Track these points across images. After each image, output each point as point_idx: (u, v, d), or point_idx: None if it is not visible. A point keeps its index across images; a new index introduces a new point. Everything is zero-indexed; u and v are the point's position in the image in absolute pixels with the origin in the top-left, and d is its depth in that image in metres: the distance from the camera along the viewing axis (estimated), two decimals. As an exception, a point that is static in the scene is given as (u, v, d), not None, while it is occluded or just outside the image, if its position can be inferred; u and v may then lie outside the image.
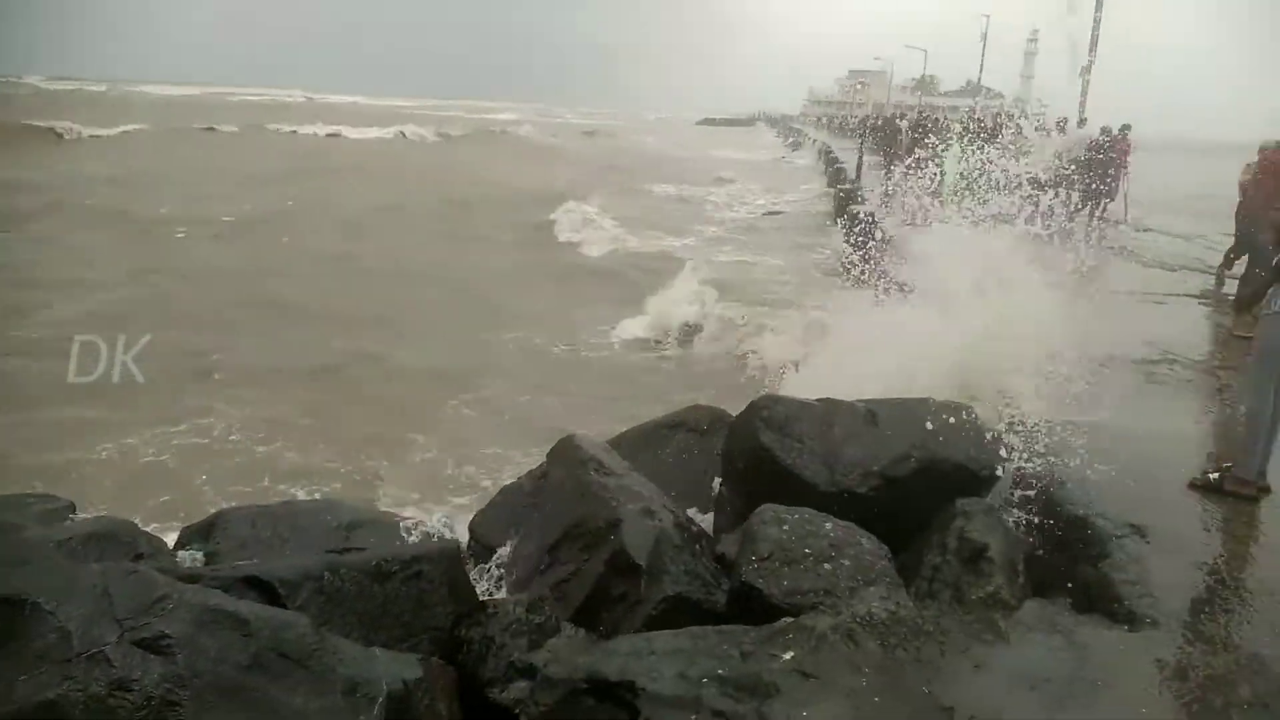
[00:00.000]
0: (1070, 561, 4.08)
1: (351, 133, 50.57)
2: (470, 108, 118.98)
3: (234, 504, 5.29)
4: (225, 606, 2.87)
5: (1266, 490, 4.49)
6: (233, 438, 7.89)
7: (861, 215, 16.15)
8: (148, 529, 4.64)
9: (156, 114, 53.25)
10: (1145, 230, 14.77)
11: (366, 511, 5.16)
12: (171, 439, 7.76)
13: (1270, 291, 4.43)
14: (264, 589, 3.38)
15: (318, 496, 6.61)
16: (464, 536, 5.22)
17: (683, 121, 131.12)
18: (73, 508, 4.83)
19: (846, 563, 3.73)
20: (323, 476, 7.17)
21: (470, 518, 5.41)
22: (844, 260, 16.29)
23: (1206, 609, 3.50)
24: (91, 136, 38.12)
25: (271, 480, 7.03)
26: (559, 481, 4.99)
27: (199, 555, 4.25)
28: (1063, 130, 15.02)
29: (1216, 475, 4.55)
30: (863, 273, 11.62)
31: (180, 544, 4.58)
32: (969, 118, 25.06)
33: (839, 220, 19.36)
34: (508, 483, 5.62)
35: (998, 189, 16.36)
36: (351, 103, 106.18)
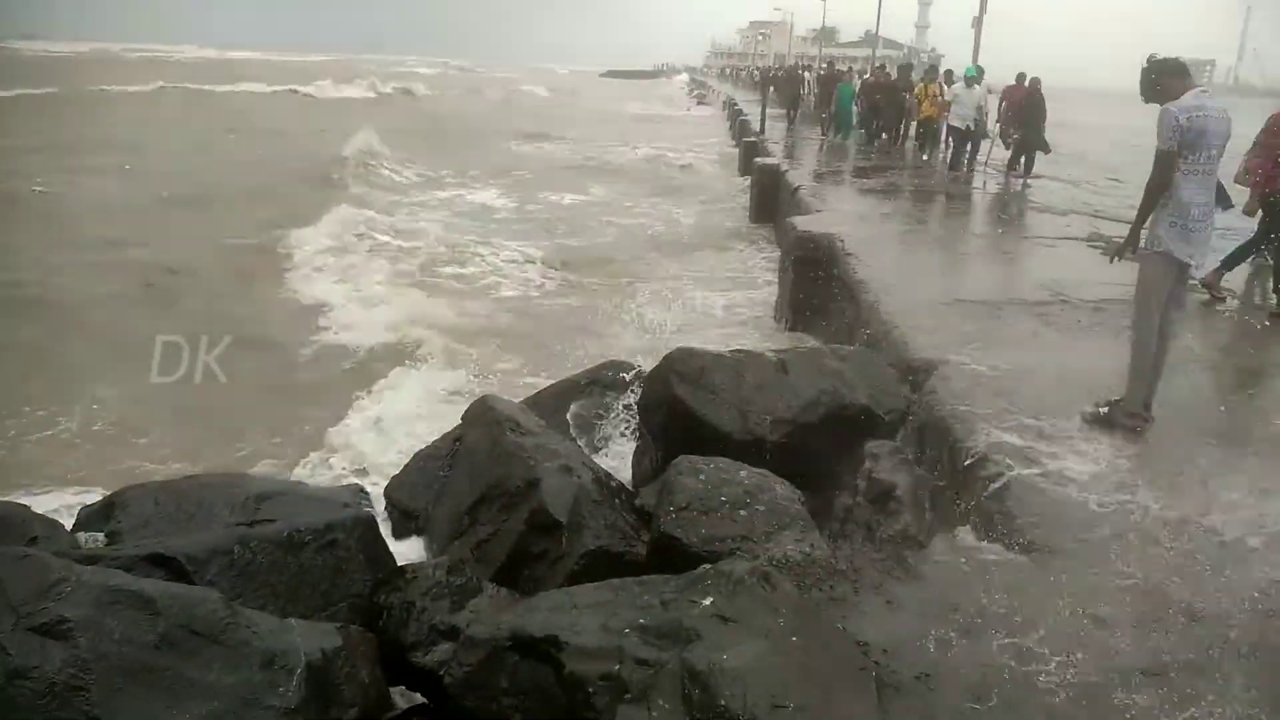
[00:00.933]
0: (972, 496, 4.26)
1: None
2: (380, 63, 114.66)
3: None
4: (128, 586, 2.77)
5: (1150, 421, 4.75)
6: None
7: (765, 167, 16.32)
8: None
9: (60, 74, 49.63)
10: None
11: (276, 482, 5.02)
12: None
13: (1147, 233, 4.64)
14: (170, 566, 3.27)
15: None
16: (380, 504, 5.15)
17: (589, 75, 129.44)
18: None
19: (761, 509, 3.81)
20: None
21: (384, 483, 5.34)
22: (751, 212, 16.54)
23: (1095, 535, 3.71)
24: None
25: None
26: (474, 443, 4.94)
27: (99, 537, 4.07)
28: (976, 83, 15.29)
29: (1105, 409, 4.79)
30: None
31: (78, 526, 4.37)
32: (877, 69, 24.70)
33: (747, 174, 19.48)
34: (421, 447, 5.54)
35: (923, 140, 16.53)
36: (263, 59, 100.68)
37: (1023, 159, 14.75)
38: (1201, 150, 4.41)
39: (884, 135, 20.28)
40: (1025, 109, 14.62)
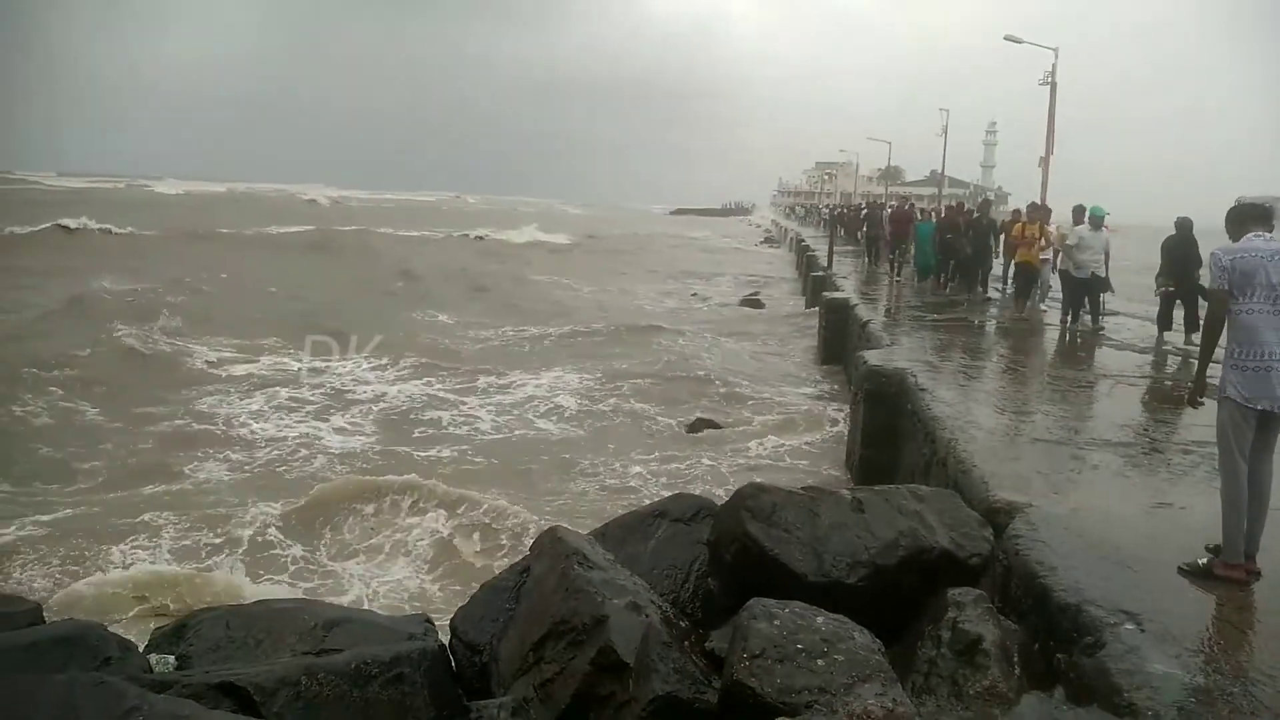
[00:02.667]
0: (1065, 652, 4.01)
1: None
2: (491, 200, 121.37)
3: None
4: (198, 717, 2.75)
5: (1256, 574, 4.47)
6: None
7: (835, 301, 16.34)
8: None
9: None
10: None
11: (345, 610, 5.01)
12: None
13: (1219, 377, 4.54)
14: (239, 696, 3.24)
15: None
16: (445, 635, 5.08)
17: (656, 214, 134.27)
18: (39, 610, 4.65)
19: (840, 658, 3.64)
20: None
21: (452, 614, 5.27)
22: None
23: (1205, 699, 3.44)
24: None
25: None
26: (541, 576, 4.88)
27: (171, 660, 4.08)
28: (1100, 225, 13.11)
29: (1205, 561, 4.53)
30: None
31: (150, 647, 4.40)
32: (952, 207, 22.45)
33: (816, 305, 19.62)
34: (489, 578, 5.49)
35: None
36: (393, 200, 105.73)
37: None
38: (1257, 290, 4.35)
39: (956, 279, 18.58)
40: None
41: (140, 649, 4.26)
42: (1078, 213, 13.16)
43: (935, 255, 18.93)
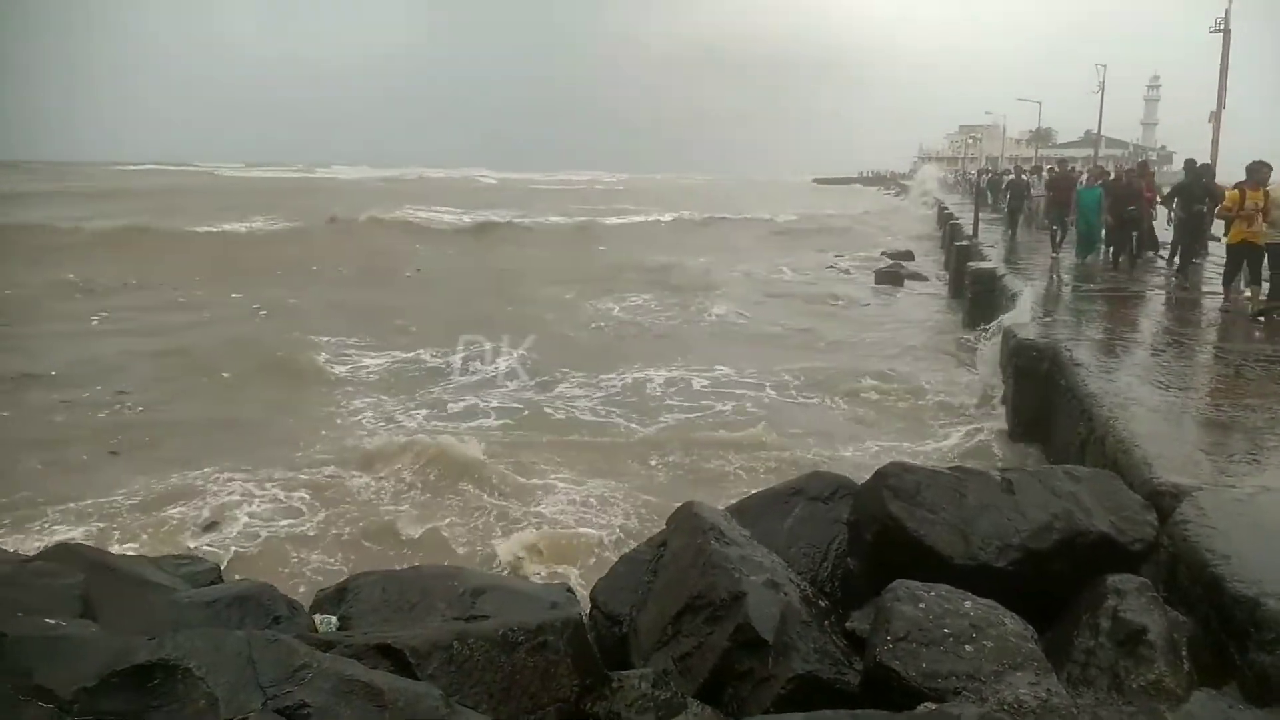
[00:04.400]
0: (1240, 647, 3.74)
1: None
2: (593, 180, 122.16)
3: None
4: (360, 676, 2.92)
5: None
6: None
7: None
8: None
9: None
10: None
11: (491, 578, 5.20)
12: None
13: None
14: (395, 657, 3.42)
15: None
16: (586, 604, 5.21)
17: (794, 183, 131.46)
18: (218, 570, 5.06)
19: (989, 644, 3.51)
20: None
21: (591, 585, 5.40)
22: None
23: None
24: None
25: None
26: (679, 550, 4.91)
27: (333, 620, 4.36)
28: None
29: None
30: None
31: (314, 607, 4.71)
32: (1127, 170, 19.46)
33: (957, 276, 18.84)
34: (627, 550, 5.59)
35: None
36: (542, 181, 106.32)
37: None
38: None
39: (1131, 256, 16.02)
40: None
41: (306, 609, 4.57)
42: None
43: (1100, 228, 16.39)
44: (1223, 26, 26.73)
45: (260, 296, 19.62)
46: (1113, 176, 18.20)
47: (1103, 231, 16.54)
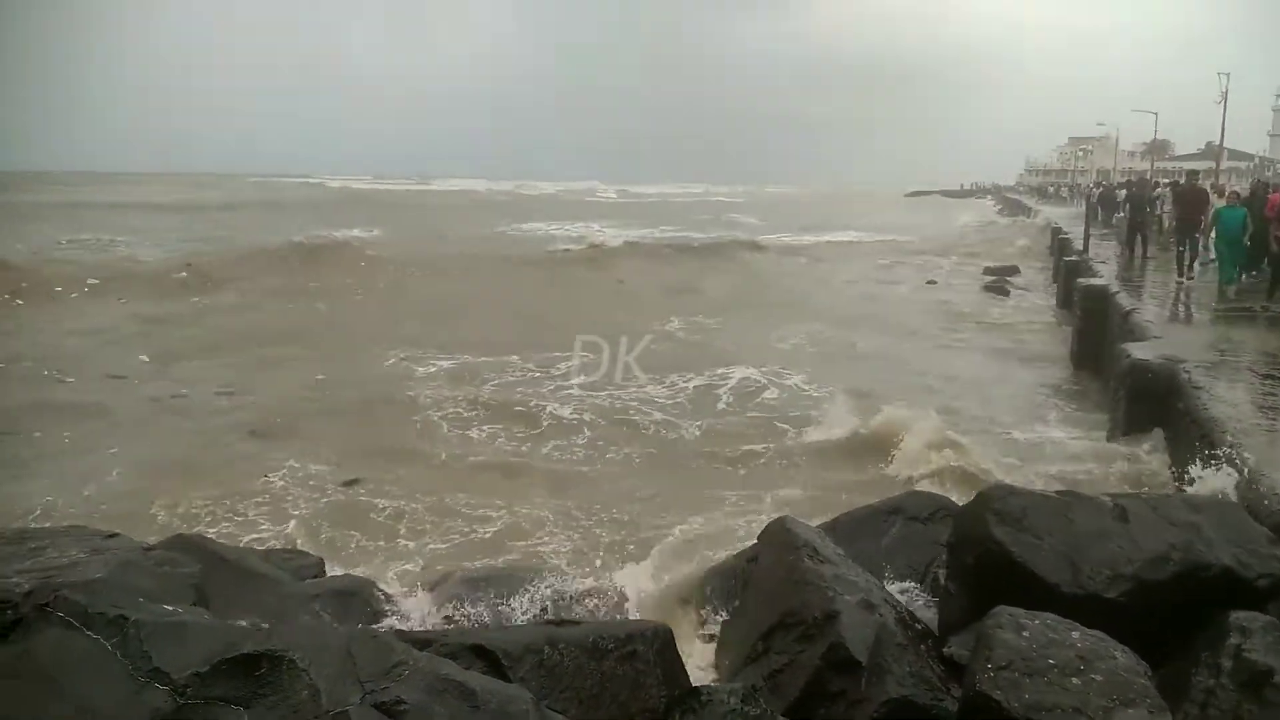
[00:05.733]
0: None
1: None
2: (686, 192, 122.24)
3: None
4: (455, 676, 2.96)
5: None
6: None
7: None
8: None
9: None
10: None
11: (581, 582, 5.24)
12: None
13: None
14: (489, 659, 3.47)
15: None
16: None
17: (891, 194, 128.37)
18: (322, 564, 5.24)
19: (1098, 678, 3.34)
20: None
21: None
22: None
23: None
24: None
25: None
26: (770, 566, 4.86)
27: (431, 612, 4.46)
28: None
29: None
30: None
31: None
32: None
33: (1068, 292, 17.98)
34: (715, 563, 5.55)
35: None
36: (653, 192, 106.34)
37: None
38: None
39: None
40: None
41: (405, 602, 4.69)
42: None
43: (1244, 251, 14.47)
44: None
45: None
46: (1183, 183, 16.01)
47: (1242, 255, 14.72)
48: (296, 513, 7.72)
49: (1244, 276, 15.08)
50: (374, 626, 3.80)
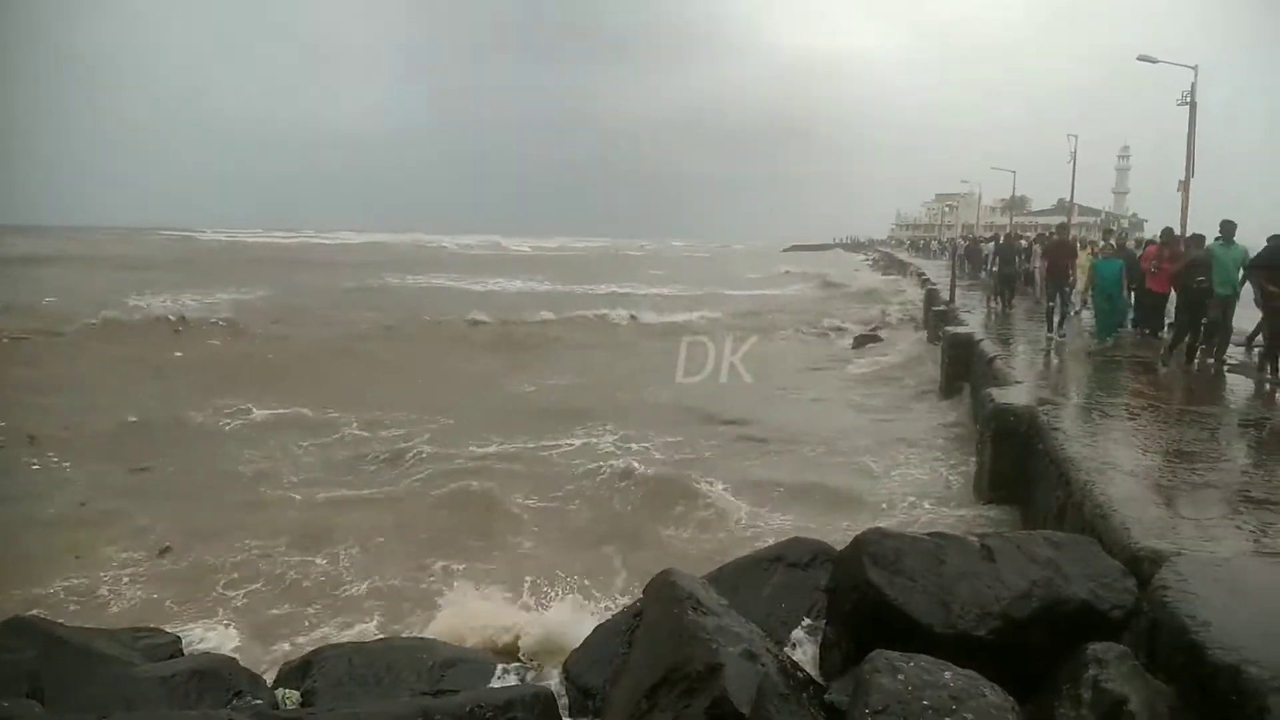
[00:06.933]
0: (1222, 718, 3.66)
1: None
2: (563, 245, 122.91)
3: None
4: (319, 755, 2.80)
5: None
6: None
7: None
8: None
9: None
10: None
11: (460, 651, 5.07)
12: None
13: None
14: (358, 735, 3.30)
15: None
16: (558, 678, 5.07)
17: (769, 249, 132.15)
18: (178, 643, 4.90)
19: (969, 716, 3.43)
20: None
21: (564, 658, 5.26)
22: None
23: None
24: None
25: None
26: (655, 620, 4.81)
27: (296, 695, 4.22)
28: None
29: None
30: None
31: (278, 682, 4.56)
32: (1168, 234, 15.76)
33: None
34: (602, 621, 5.47)
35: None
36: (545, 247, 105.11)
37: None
38: None
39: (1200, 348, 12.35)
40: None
41: (269, 684, 4.42)
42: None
43: (1125, 305, 14.54)
44: (1189, 100, 27.57)
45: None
46: (1168, 248, 14.60)
47: (1130, 311, 14.89)
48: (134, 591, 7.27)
49: (1120, 330, 14.93)
50: (234, 710, 3.55)
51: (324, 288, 39.57)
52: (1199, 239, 12.58)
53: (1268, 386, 10.93)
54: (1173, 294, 13.60)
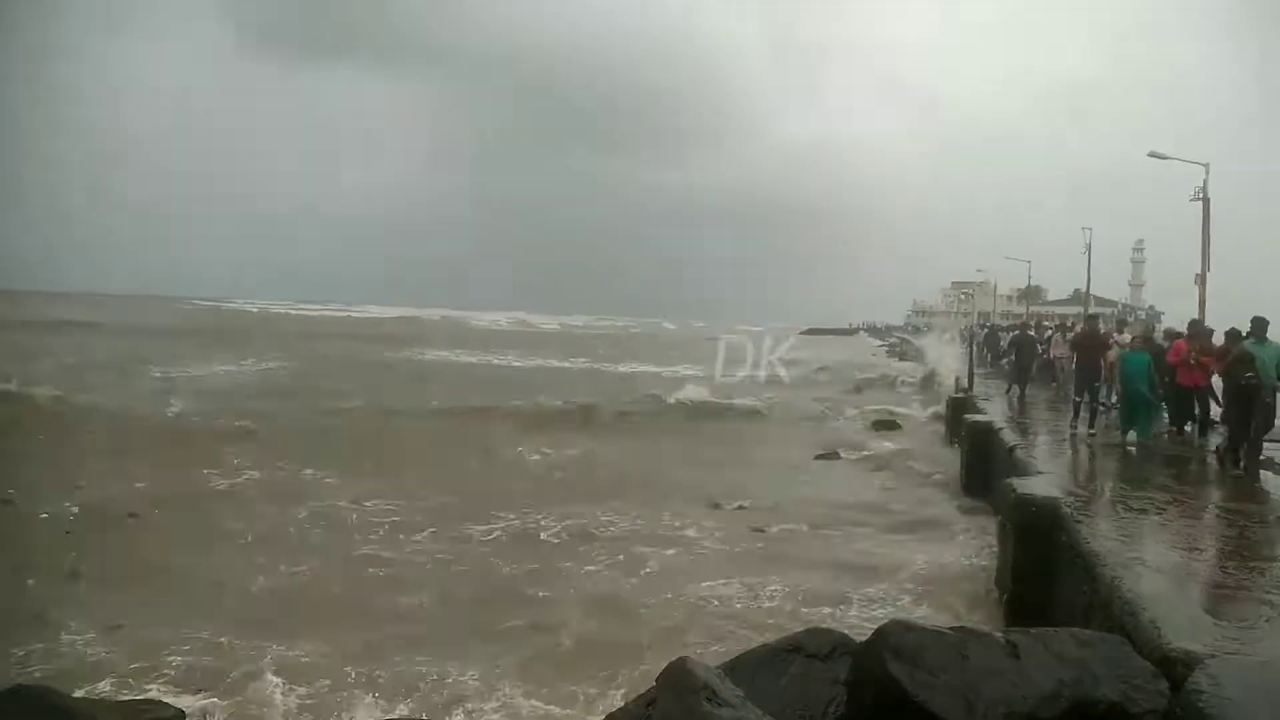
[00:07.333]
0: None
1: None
2: (588, 324, 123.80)
3: None
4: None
5: None
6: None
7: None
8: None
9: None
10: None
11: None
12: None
13: None
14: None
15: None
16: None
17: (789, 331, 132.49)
18: (181, 716, 4.79)
19: (998, 824, 3.28)
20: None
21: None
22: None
23: None
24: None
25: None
26: (668, 711, 4.67)
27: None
28: None
29: None
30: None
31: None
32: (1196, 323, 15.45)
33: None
34: (614, 709, 5.31)
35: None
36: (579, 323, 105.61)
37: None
38: None
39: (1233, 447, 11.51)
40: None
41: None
42: None
43: (1153, 400, 13.58)
44: (1202, 195, 27.85)
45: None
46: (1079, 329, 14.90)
47: (1161, 405, 13.97)
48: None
49: (1148, 431, 13.84)
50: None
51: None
52: (1237, 334, 12.01)
53: None
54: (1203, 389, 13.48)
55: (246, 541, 11.26)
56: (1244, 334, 11.73)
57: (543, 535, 12.17)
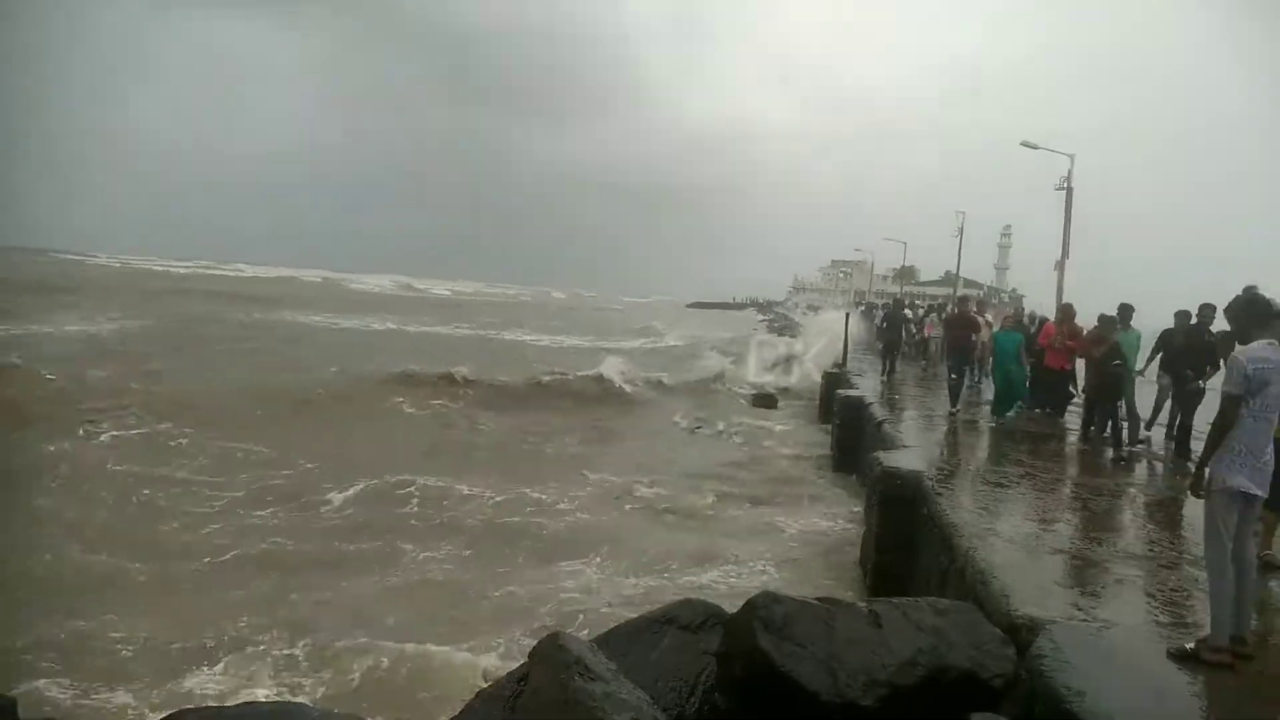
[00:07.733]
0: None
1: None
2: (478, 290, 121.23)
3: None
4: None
5: (1247, 657, 4.72)
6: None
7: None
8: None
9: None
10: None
11: (333, 715, 4.77)
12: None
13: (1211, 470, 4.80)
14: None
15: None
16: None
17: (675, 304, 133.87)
18: (14, 704, 4.46)
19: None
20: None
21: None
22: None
23: None
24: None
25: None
26: (540, 687, 4.63)
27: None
28: None
29: (1192, 646, 4.76)
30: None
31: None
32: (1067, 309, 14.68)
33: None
34: (486, 685, 5.24)
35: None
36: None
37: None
38: (1260, 398, 4.71)
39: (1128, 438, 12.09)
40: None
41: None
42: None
43: (1023, 380, 14.04)
44: (1066, 185, 29.49)
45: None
46: (950, 310, 14.91)
47: (1025, 384, 14.23)
48: None
49: (1018, 409, 14.38)
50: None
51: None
52: (1110, 321, 12.35)
53: (1173, 467, 11.04)
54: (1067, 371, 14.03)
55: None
56: (1118, 321, 12.26)
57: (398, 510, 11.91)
